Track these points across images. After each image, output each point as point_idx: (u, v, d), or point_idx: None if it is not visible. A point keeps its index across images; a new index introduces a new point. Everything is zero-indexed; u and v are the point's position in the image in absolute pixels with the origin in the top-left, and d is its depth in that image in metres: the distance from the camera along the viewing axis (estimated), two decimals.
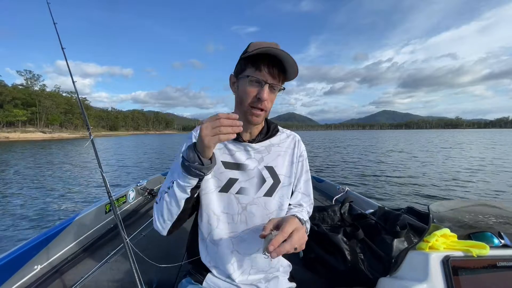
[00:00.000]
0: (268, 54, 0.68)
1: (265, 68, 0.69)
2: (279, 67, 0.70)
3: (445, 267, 0.63)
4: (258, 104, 0.72)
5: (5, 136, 54.07)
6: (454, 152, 16.17)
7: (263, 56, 0.68)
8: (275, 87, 0.72)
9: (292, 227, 0.59)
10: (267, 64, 0.69)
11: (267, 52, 0.67)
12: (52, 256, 1.35)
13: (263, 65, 0.69)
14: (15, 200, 5.70)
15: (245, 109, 0.74)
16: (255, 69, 0.70)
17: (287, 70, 0.71)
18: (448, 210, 0.78)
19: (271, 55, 0.68)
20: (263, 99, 0.70)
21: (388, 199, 5.75)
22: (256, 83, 0.71)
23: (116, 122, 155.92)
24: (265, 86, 0.69)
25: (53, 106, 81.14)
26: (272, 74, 0.70)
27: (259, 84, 0.70)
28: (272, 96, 0.74)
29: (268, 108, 0.75)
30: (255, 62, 0.69)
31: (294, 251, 0.58)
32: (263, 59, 0.69)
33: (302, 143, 0.90)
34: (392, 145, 22.31)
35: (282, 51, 0.66)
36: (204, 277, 0.80)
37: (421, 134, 67.64)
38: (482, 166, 10.19)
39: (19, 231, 3.92)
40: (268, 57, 0.68)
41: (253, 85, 0.71)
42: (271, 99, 0.74)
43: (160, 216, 0.72)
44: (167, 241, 1.70)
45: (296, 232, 0.59)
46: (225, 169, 0.78)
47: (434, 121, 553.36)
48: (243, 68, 0.73)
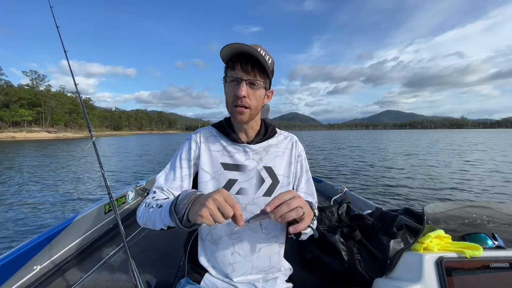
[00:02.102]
0: (240, 53, 0.70)
1: (238, 66, 0.71)
2: (252, 63, 0.71)
3: (439, 268, 0.63)
4: (238, 102, 0.73)
5: (11, 136, 54.50)
6: (456, 154, 16.15)
7: (235, 56, 0.71)
8: (254, 83, 0.73)
9: (291, 194, 0.60)
10: (239, 61, 0.71)
11: (235, 50, 0.70)
12: (52, 256, 1.35)
13: (235, 64, 0.71)
14: (17, 200, 5.70)
15: (230, 109, 0.77)
16: (231, 69, 0.73)
17: (261, 64, 0.72)
18: (443, 212, 0.79)
19: (243, 53, 0.70)
20: (240, 95, 0.71)
21: (388, 199, 5.76)
22: (233, 82, 0.73)
23: (119, 122, 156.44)
24: (241, 83, 0.72)
25: (58, 106, 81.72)
26: (245, 71, 0.71)
27: (237, 83, 0.73)
28: (254, 92, 0.75)
29: (252, 105, 0.75)
30: (230, 62, 0.73)
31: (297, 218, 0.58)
32: (235, 59, 0.71)
33: (300, 143, 0.91)
34: (395, 147, 22.29)
35: (248, 47, 0.68)
36: (202, 277, 0.81)
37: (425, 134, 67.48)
38: (484, 167, 10.21)
39: (20, 230, 3.92)
40: (240, 56, 0.71)
41: (231, 84, 0.74)
42: (254, 96, 0.75)
43: (142, 219, 0.73)
44: (165, 241, 1.70)
45: (294, 199, 0.59)
46: (225, 171, 0.80)
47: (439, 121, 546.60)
48: (225, 72, 0.77)
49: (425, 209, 0.76)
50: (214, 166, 0.81)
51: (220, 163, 0.80)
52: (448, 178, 8.07)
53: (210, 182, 0.80)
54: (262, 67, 0.72)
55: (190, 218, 0.57)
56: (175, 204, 0.61)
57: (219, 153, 0.82)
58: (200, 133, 0.87)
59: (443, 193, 6.28)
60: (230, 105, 0.75)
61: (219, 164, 0.80)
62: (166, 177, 0.82)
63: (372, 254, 1.13)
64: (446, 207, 0.80)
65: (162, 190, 0.80)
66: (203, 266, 0.82)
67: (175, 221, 0.60)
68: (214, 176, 0.80)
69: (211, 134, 0.87)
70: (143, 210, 0.73)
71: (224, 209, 0.54)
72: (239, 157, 0.81)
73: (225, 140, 0.84)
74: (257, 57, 0.69)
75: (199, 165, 0.82)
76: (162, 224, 0.66)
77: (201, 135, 0.86)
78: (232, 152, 0.82)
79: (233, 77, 0.73)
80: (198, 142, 0.84)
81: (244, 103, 0.73)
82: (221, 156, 0.82)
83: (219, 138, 0.86)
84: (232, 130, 0.84)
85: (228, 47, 0.69)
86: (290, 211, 0.57)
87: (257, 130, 0.86)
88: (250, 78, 0.72)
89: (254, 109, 0.76)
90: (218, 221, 0.54)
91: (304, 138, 47.16)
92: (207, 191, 0.78)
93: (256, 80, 0.73)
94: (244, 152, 0.82)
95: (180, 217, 0.59)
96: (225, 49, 0.70)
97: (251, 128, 0.84)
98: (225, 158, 0.81)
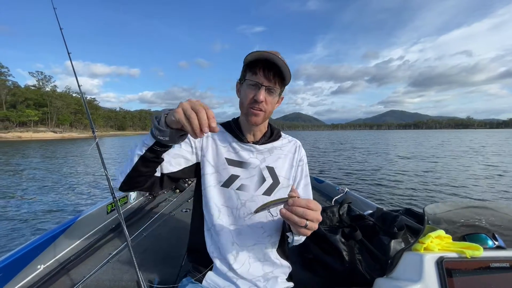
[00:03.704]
0: (263, 59, 0.73)
1: (260, 72, 0.74)
2: (274, 71, 0.74)
3: (439, 268, 0.64)
4: (255, 105, 0.76)
5: (18, 136, 54.90)
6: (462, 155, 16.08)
7: (259, 62, 0.74)
8: (272, 90, 0.77)
9: (318, 207, 0.59)
10: (262, 68, 0.74)
11: (261, 57, 0.72)
12: (55, 256, 1.37)
13: (258, 69, 0.74)
14: (20, 200, 5.74)
15: (245, 110, 0.79)
16: (252, 73, 0.75)
17: (283, 73, 0.75)
18: (444, 212, 0.79)
19: (266, 60, 0.73)
20: (258, 100, 0.75)
21: (389, 200, 5.75)
22: (253, 86, 0.76)
23: (124, 122, 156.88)
24: (261, 88, 0.74)
25: (63, 106, 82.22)
26: (267, 77, 0.75)
27: (256, 87, 0.75)
28: (271, 98, 0.78)
29: (268, 110, 0.79)
30: (252, 67, 0.75)
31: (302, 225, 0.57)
32: (259, 65, 0.74)
33: (302, 148, 0.94)
34: (396, 147, 22.21)
35: (275, 56, 0.71)
36: (204, 276, 0.82)
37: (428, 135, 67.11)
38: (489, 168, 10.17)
39: (23, 230, 3.95)
40: (263, 62, 0.73)
41: (250, 88, 0.76)
42: (270, 102, 0.78)
43: (123, 166, 0.73)
44: (167, 241, 1.71)
45: (314, 212, 0.58)
46: (228, 166, 0.83)
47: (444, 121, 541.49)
48: (243, 74, 0.79)
49: (426, 210, 0.77)
50: (218, 159, 0.84)
51: (225, 158, 0.84)
52: (449, 178, 8.05)
53: (213, 175, 0.83)
54: (283, 77, 0.76)
55: (167, 119, 0.59)
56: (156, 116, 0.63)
57: (225, 148, 0.85)
58: None
59: (444, 194, 6.27)
60: (246, 106, 0.78)
61: (223, 159, 0.84)
62: None
63: (373, 254, 1.13)
64: (446, 207, 0.80)
65: None
66: (205, 263, 0.84)
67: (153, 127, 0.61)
68: (217, 169, 0.83)
69: (219, 130, 0.89)
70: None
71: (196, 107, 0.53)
72: (243, 154, 0.84)
73: (232, 138, 0.88)
74: (280, 67, 0.73)
75: (205, 156, 0.84)
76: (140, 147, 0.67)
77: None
78: (237, 149, 0.85)
79: (254, 81, 0.75)
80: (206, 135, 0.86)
81: (261, 107, 0.77)
82: (227, 152, 0.85)
83: (226, 135, 0.89)
84: (240, 130, 0.87)
85: (256, 53, 0.73)
86: (299, 218, 0.56)
87: (263, 132, 0.90)
88: (270, 85, 0.75)
89: (267, 113, 0.80)
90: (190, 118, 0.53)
91: (305, 138, 47.14)
92: (210, 184, 0.82)
93: (275, 88, 0.76)
94: (249, 150, 0.85)
95: (158, 119, 0.61)
96: (252, 54, 0.74)
97: (258, 130, 0.87)
98: (230, 154, 0.85)
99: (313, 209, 0.57)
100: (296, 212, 0.56)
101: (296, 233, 0.64)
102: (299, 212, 0.56)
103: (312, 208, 0.57)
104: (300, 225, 0.56)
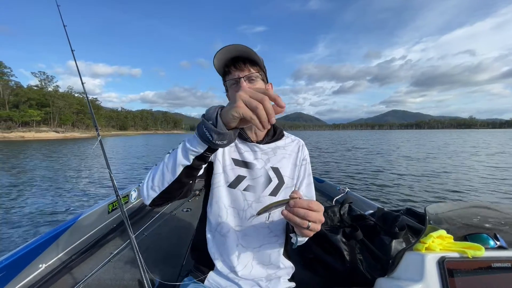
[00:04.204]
0: (228, 58, 0.74)
1: (231, 68, 0.75)
2: (241, 59, 0.74)
3: (441, 268, 0.64)
4: None
5: (20, 136, 55.27)
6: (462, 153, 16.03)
7: (224, 60, 0.74)
8: (251, 77, 0.76)
9: (319, 208, 0.57)
10: (229, 63, 0.75)
11: (223, 56, 0.73)
12: (56, 255, 1.37)
13: (228, 67, 0.75)
14: (23, 200, 5.77)
15: None
16: (226, 73, 0.76)
17: (249, 56, 0.75)
18: (445, 212, 0.79)
19: (231, 58, 0.74)
20: None
21: (390, 200, 5.74)
22: (234, 84, 0.76)
23: (125, 122, 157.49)
24: (240, 82, 0.74)
25: (65, 106, 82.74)
26: (239, 68, 0.75)
27: (236, 83, 0.76)
28: (255, 86, 0.77)
29: None
30: (223, 69, 0.76)
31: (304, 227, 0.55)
32: (226, 62, 0.75)
33: (305, 148, 0.94)
34: (397, 148, 22.15)
35: (231, 46, 0.71)
36: (206, 275, 0.82)
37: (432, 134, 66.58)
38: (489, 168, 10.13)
39: (25, 230, 3.97)
40: (230, 60, 0.74)
41: (233, 87, 0.77)
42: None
43: (151, 179, 0.64)
44: (168, 241, 1.72)
45: (316, 213, 0.56)
46: (235, 166, 0.82)
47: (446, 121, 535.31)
48: (223, 79, 0.80)
49: (427, 209, 0.77)
50: (226, 159, 0.83)
51: (232, 158, 0.83)
52: (450, 178, 8.02)
53: (221, 175, 0.82)
54: (252, 60, 0.75)
55: (224, 119, 0.50)
56: (203, 117, 0.55)
57: (230, 148, 0.85)
58: None
59: (445, 194, 6.24)
60: None
61: (230, 159, 0.83)
62: None
63: (374, 254, 1.13)
64: (448, 207, 0.80)
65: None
66: (207, 263, 0.83)
67: (207, 130, 0.52)
68: (224, 169, 0.82)
69: None
70: (152, 171, 0.66)
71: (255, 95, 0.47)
72: (248, 155, 0.84)
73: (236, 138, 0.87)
74: (243, 51, 0.73)
75: (216, 154, 0.82)
76: (185, 158, 0.58)
77: None
78: (241, 149, 0.84)
79: (232, 79, 0.76)
80: None
81: None
82: (233, 152, 0.85)
83: None
84: (242, 129, 0.86)
85: (217, 57, 0.73)
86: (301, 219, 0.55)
87: (266, 131, 0.88)
88: (246, 74, 0.75)
89: None
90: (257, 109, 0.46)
91: (307, 138, 47.07)
92: (219, 184, 0.81)
93: (252, 73, 0.76)
94: (253, 151, 0.85)
95: (213, 120, 0.52)
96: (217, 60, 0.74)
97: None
98: (235, 154, 0.84)
99: (315, 210, 0.56)
100: (298, 214, 0.55)
101: (299, 234, 0.63)
102: (300, 214, 0.54)
103: (314, 209, 0.56)
104: (302, 226, 0.55)
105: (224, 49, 0.71)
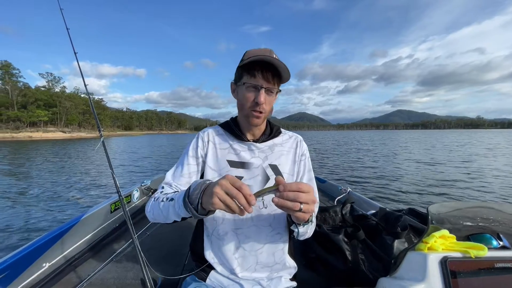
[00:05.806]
0: (262, 61, 0.72)
1: (259, 74, 0.74)
2: (272, 72, 0.74)
3: (443, 268, 0.63)
4: (256, 108, 0.77)
5: (28, 136, 56.19)
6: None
7: (257, 63, 0.73)
8: (271, 90, 0.77)
9: (308, 188, 0.57)
10: (260, 70, 0.74)
11: (260, 59, 0.72)
12: (60, 255, 1.38)
13: (257, 71, 0.74)
14: (23, 200, 5.82)
15: (246, 112, 0.80)
16: (250, 76, 0.75)
17: (280, 73, 0.75)
18: (448, 212, 0.79)
19: (263, 62, 0.72)
20: (260, 103, 0.75)
21: (392, 200, 5.70)
22: (253, 88, 0.76)
23: (130, 122, 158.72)
24: (261, 91, 0.74)
25: (72, 106, 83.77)
26: (266, 79, 0.74)
27: (255, 89, 0.75)
28: (270, 98, 0.79)
29: (267, 110, 0.80)
30: (250, 69, 0.75)
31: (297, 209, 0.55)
32: (257, 66, 0.74)
33: (304, 143, 0.93)
34: (398, 148, 22.01)
35: (272, 58, 0.71)
36: (208, 274, 0.83)
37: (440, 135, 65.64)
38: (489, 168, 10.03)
39: (25, 229, 4.01)
40: (261, 64, 0.73)
41: (250, 90, 0.76)
42: (269, 102, 0.79)
43: (151, 214, 0.76)
44: (171, 240, 1.73)
45: (307, 194, 0.56)
46: (231, 168, 0.82)
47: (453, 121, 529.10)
48: (240, 76, 0.78)
49: (430, 209, 0.76)
50: (220, 163, 0.84)
51: (227, 160, 0.83)
52: (453, 178, 7.95)
53: (216, 179, 0.81)
54: (281, 76, 0.76)
55: (204, 207, 0.59)
56: (188, 195, 0.63)
57: (226, 150, 0.85)
58: (208, 132, 0.90)
59: (447, 194, 6.19)
60: (247, 109, 0.78)
61: (225, 162, 0.83)
62: (174, 173, 0.85)
63: (376, 254, 1.13)
64: (450, 207, 0.79)
65: (170, 185, 0.82)
66: (209, 262, 0.83)
67: (191, 211, 0.62)
68: (220, 173, 0.82)
69: (218, 133, 0.90)
70: (152, 205, 0.76)
71: (232, 192, 0.54)
72: (245, 155, 0.84)
73: (232, 139, 0.87)
74: (278, 67, 0.73)
75: (206, 162, 0.84)
76: (176, 216, 0.69)
77: (208, 133, 0.89)
78: (238, 150, 0.85)
79: (254, 84, 0.75)
80: (205, 141, 0.87)
81: (261, 109, 0.77)
82: (228, 154, 0.84)
83: (226, 136, 0.88)
84: (239, 129, 0.87)
85: (253, 55, 0.72)
86: (292, 202, 0.55)
87: (263, 130, 0.89)
88: (269, 87, 0.76)
89: (267, 113, 0.81)
90: (230, 206, 0.54)
91: (311, 139, 46.91)
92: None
93: (274, 88, 0.77)
94: (250, 150, 0.85)
95: (195, 206, 0.61)
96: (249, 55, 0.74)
97: (258, 128, 0.86)
98: (231, 155, 0.84)
99: (304, 191, 0.55)
100: (288, 197, 0.54)
101: (295, 220, 0.64)
102: (290, 197, 0.54)
103: (303, 190, 0.55)
104: (294, 209, 0.55)
105: (264, 54, 0.73)
